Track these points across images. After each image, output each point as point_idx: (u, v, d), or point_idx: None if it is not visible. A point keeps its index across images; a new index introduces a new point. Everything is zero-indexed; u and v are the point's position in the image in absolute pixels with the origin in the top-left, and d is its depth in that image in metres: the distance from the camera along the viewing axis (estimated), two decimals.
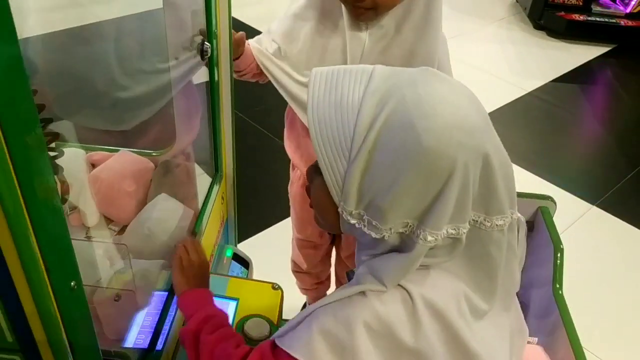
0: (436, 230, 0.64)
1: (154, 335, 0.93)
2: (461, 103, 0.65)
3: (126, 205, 1.24)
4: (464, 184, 0.63)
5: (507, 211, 0.68)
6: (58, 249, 0.53)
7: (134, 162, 1.30)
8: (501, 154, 0.67)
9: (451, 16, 4.11)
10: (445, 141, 0.62)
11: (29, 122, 0.43)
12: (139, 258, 1.11)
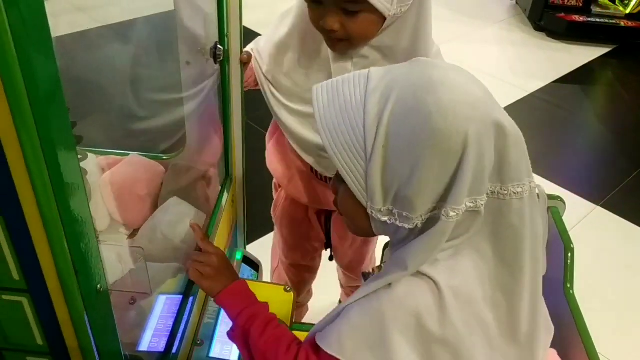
0: (457, 205, 0.65)
1: (170, 339, 0.93)
2: (458, 80, 0.67)
3: (137, 209, 1.24)
4: (479, 155, 0.65)
5: (524, 179, 0.68)
6: (86, 253, 0.53)
7: (145, 166, 1.30)
8: (512, 123, 0.68)
9: (451, 18, 4.13)
10: (451, 118, 0.64)
11: (63, 131, 0.44)
12: (152, 261, 1.12)
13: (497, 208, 0.69)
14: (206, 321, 1.08)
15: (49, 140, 0.42)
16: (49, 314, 0.49)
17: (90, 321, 0.56)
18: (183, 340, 0.98)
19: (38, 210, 0.42)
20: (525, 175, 0.69)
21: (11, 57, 0.37)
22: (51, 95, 0.43)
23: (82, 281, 0.53)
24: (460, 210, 0.66)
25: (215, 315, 1.09)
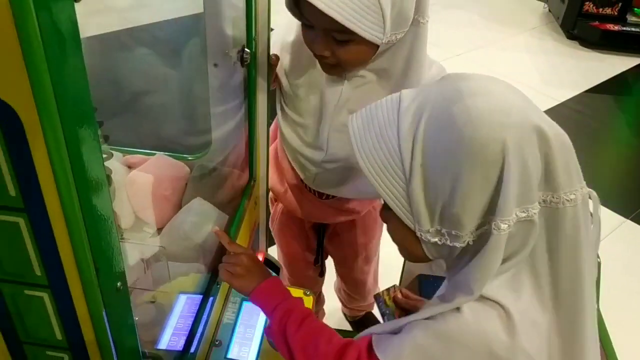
0: (507, 216, 0.63)
1: (189, 338, 0.94)
2: (491, 88, 0.66)
3: (162, 208, 1.26)
4: (522, 162, 0.62)
5: (576, 185, 0.66)
6: (107, 251, 0.54)
7: (170, 166, 1.32)
8: (555, 128, 0.66)
9: (482, 25, 4.09)
10: (485, 128, 0.62)
11: (88, 130, 0.45)
12: (174, 260, 1.13)
13: (552, 218, 0.66)
14: (225, 322, 1.08)
15: (74, 139, 0.43)
16: (68, 310, 0.49)
17: (109, 319, 0.56)
18: (201, 340, 0.99)
19: (61, 208, 0.42)
20: (577, 181, 0.66)
21: (39, 57, 0.38)
22: (78, 96, 0.43)
23: (102, 279, 0.53)
24: (511, 220, 0.63)
25: (234, 317, 1.10)
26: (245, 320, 1.10)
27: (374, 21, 0.88)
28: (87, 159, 0.45)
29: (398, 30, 0.93)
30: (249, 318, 1.10)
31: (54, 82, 0.39)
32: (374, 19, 0.88)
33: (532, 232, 0.66)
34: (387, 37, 0.91)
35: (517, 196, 0.63)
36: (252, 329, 1.08)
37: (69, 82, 0.42)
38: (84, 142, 0.44)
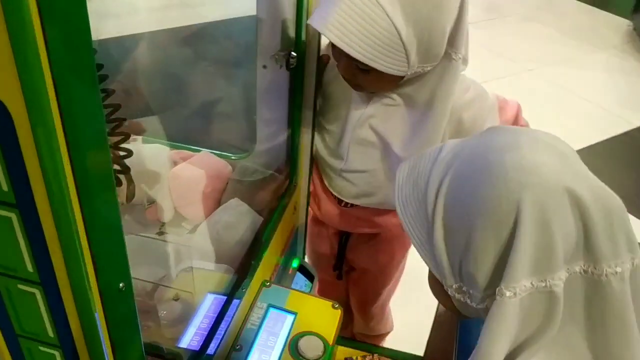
0: (513, 283, 0.58)
1: (207, 339, 0.93)
2: (520, 144, 0.62)
3: (200, 205, 1.26)
4: (542, 226, 0.57)
5: (623, 255, 0.59)
6: (110, 247, 0.53)
7: (214, 164, 1.32)
8: (599, 191, 0.60)
9: (559, 40, 3.92)
10: (502, 185, 0.59)
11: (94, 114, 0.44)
12: (205, 259, 1.13)
13: (594, 291, 0.59)
14: (249, 326, 1.07)
15: (74, 134, 0.42)
16: (59, 309, 0.49)
17: (109, 321, 0.55)
18: (221, 342, 0.98)
19: (50, 206, 0.42)
20: (626, 251, 0.59)
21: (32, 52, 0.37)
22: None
23: (102, 279, 0.52)
24: (519, 289, 0.58)
25: (259, 322, 1.08)
26: (270, 327, 1.08)
27: (397, 58, 0.85)
28: (88, 155, 0.44)
29: (426, 64, 0.90)
30: (273, 325, 1.08)
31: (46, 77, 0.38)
32: (397, 56, 0.85)
33: (555, 307, 0.59)
34: (413, 70, 0.89)
35: (532, 263, 0.58)
36: (275, 336, 1.06)
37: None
38: (82, 139, 0.43)
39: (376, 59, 0.84)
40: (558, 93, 3.28)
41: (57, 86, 0.39)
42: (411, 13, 0.82)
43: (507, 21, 4.36)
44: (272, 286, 1.16)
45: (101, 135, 0.46)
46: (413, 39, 0.83)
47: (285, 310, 1.11)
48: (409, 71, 0.87)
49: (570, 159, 0.62)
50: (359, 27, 0.81)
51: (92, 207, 0.47)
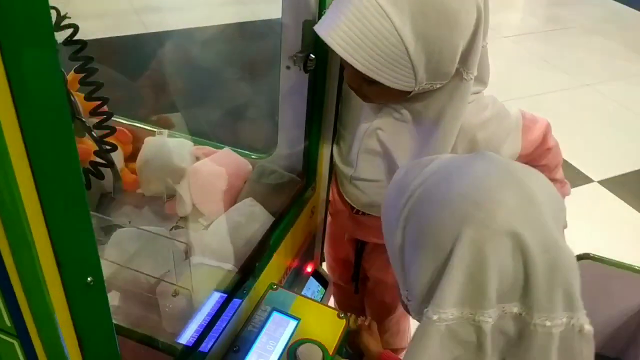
0: (440, 308, 0.59)
1: (201, 336, 0.92)
2: (486, 178, 0.62)
3: (217, 202, 1.26)
4: (477, 262, 0.58)
5: (557, 312, 0.59)
6: (74, 239, 0.52)
7: (234, 162, 1.32)
8: (550, 243, 0.59)
9: (622, 55, 3.75)
10: (448, 212, 0.60)
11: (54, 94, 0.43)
12: (214, 257, 1.13)
13: (522, 335, 0.60)
14: (249, 328, 1.06)
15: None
16: (10, 296, 0.49)
17: (74, 318, 0.55)
18: (218, 341, 0.97)
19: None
20: (562, 309, 0.59)
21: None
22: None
23: (66, 273, 0.52)
24: (444, 315, 0.59)
25: (260, 325, 1.07)
26: (271, 331, 1.07)
27: (403, 73, 0.81)
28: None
29: (436, 81, 0.85)
30: (275, 329, 1.07)
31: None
32: (403, 71, 0.81)
33: (484, 341, 0.60)
34: (420, 86, 0.84)
35: (462, 294, 0.59)
36: (275, 341, 1.05)
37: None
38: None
39: (381, 73, 0.80)
40: (616, 110, 3.12)
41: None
42: (421, 30, 0.77)
43: (568, 33, 4.20)
44: (279, 290, 1.15)
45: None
46: (421, 55, 0.79)
47: (288, 315, 1.10)
48: (416, 87, 0.84)
49: (536, 205, 0.60)
50: (365, 38, 0.77)
51: (50, 200, 0.47)
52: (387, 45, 0.77)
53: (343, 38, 0.78)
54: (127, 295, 1.06)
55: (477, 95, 0.94)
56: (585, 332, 0.60)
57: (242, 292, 1.02)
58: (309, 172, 1.22)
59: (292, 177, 1.25)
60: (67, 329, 0.56)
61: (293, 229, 1.21)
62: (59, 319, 0.53)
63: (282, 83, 1.19)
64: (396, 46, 0.78)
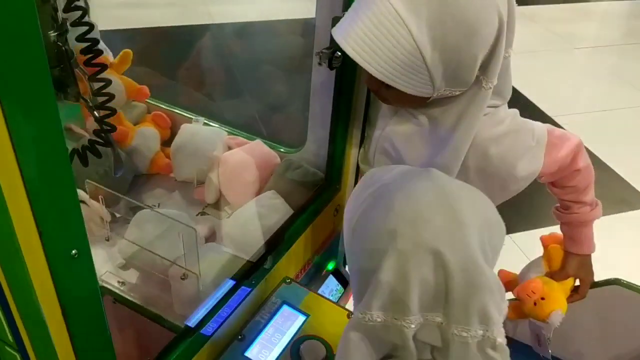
0: (367, 309, 0.66)
1: (204, 319, 0.94)
2: (421, 197, 0.66)
3: (243, 192, 1.28)
4: (401, 274, 0.64)
5: (474, 325, 0.64)
6: (58, 209, 0.53)
7: (264, 154, 1.34)
8: (469, 265, 0.64)
9: None
10: (382, 224, 0.65)
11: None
12: (232, 245, 1.15)
13: (444, 341, 0.66)
14: (257, 319, 1.07)
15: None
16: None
17: (57, 289, 0.58)
18: (222, 327, 0.99)
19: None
20: (477, 322, 0.65)
21: None
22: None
23: (49, 245, 0.54)
24: (370, 317, 0.65)
25: (268, 317, 1.08)
26: (278, 324, 1.07)
27: (420, 80, 0.79)
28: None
29: (455, 88, 0.82)
30: (282, 322, 1.08)
31: None
32: (420, 78, 0.79)
33: (407, 343, 0.66)
34: (439, 92, 0.82)
35: (386, 301, 0.65)
36: (281, 334, 1.05)
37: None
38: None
39: (397, 79, 0.78)
40: None
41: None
42: (439, 38, 0.75)
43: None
44: (292, 284, 1.16)
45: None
46: (439, 64, 0.77)
47: (298, 310, 1.10)
48: (434, 94, 0.82)
49: (462, 228, 0.64)
50: (381, 45, 0.76)
51: (29, 165, 0.49)
52: (403, 53, 0.76)
53: (358, 44, 0.77)
54: (144, 275, 1.10)
55: (493, 109, 0.91)
56: (498, 344, 0.66)
57: (251, 281, 1.04)
58: (333, 170, 1.22)
59: (317, 174, 1.25)
60: (49, 300, 0.58)
61: (313, 226, 1.21)
62: (39, 291, 0.56)
63: (313, 80, 1.19)
64: (412, 54, 0.76)
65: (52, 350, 0.61)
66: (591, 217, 1.05)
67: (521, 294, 1.05)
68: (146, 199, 1.35)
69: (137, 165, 1.36)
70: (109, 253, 1.15)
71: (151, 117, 1.44)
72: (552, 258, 1.11)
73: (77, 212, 0.57)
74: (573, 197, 1.04)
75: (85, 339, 0.65)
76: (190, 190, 1.36)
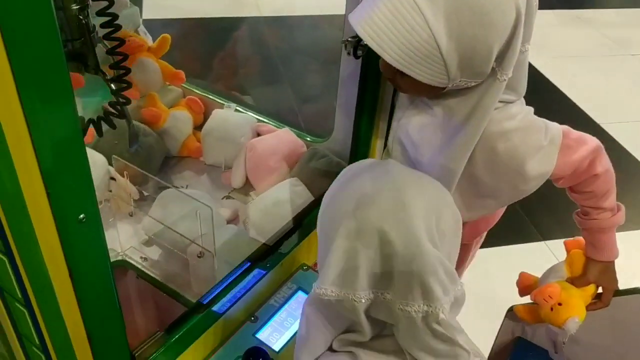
0: (322, 285, 0.71)
1: (216, 297, 0.96)
2: (372, 182, 0.73)
3: (268, 178, 1.30)
4: (351, 252, 0.69)
5: (417, 300, 0.69)
6: (66, 171, 0.55)
7: (291, 142, 1.35)
8: (411, 242, 0.68)
9: None
10: (337, 207, 0.73)
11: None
12: (253, 229, 1.17)
13: (394, 316, 0.72)
14: (271, 302, 1.09)
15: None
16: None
17: (65, 251, 0.60)
18: (235, 306, 1.00)
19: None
20: (420, 297, 0.69)
21: None
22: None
23: (56, 205, 0.57)
24: (324, 291, 0.71)
25: (282, 301, 1.09)
26: (292, 309, 1.08)
27: (435, 69, 0.79)
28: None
29: (470, 79, 0.82)
30: (296, 308, 1.09)
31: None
32: (435, 67, 0.78)
33: (360, 317, 0.72)
34: (454, 83, 0.81)
35: (338, 276, 0.70)
36: (293, 319, 1.07)
37: None
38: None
39: (412, 68, 0.78)
40: None
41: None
42: (455, 28, 0.75)
43: None
44: (309, 271, 1.17)
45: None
46: (454, 54, 0.77)
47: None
48: (449, 84, 0.81)
49: (407, 210, 0.69)
50: (397, 32, 0.76)
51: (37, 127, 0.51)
52: (418, 41, 0.76)
53: (374, 30, 0.77)
54: (165, 252, 1.13)
55: (505, 104, 0.89)
56: (441, 319, 0.70)
57: (266, 264, 1.05)
58: (357, 161, 1.21)
59: (341, 164, 1.25)
60: (56, 262, 0.61)
61: None
62: (46, 251, 0.58)
63: (341, 70, 1.20)
64: (428, 42, 0.76)
65: (58, 312, 0.64)
66: (611, 223, 1.02)
67: (538, 298, 1.03)
68: (175, 180, 1.38)
69: (168, 147, 1.40)
70: (135, 229, 1.18)
71: (185, 101, 1.47)
72: (573, 263, 1.08)
73: (86, 177, 0.59)
74: (592, 202, 1.01)
75: (93, 304, 0.68)
76: (218, 174, 1.39)
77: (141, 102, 1.39)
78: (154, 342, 0.87)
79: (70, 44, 0.71)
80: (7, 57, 0.47)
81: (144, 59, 1.38)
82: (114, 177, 1.18)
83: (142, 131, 1.31)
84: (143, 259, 1.15)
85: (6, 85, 0.48)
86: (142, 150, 1.30)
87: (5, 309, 0.69)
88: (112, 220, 1.17)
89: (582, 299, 1.03)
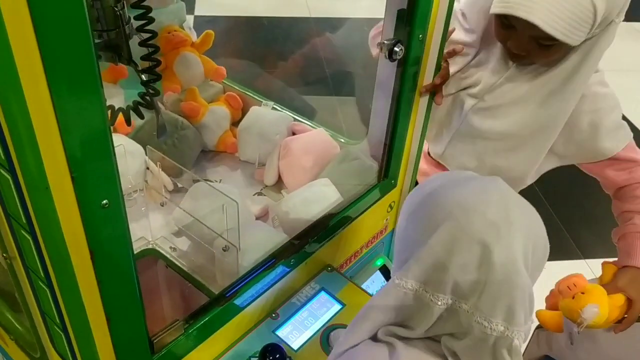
0: (404, 277, 0.70)
1: (239, 290, 0.97)
2: (482, 193, 0.71)
3: (300, 177, 1.31)
4: (445, 252, 0.68)
5: (496, 318, 0.68)
6: (91, 155, 0.57)
7: (325, 142, 1.35)
8: (510, 263, 0.67)
9: None
10: (440, 203, 0.72)
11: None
12: (280, 226, 1.17)
13: (467, 327, 0.69)
14: (293, 301, 1.09)
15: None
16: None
17: (88, 236, 0.62)
18: (256, 301, 1.01)
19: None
20: (501, 318, 0.68)
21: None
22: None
23: (79, 189, 0.58)
24: (404, 284, 0.70)
25: (305, 300, 1.09)
26: (314, 309, 1.09)
27: (584, 31, 0.90)
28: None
29: (598, 30, 0.93)
30: (318, 308, 1.09)
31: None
32: (585, 29, 0.90)
33: (429, 316, 0.70)
34: (582, 38, 0.93)
35: (425, 274, 0.69)
36: (314, 319, 1.07)
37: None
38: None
39: (569, 34, 0.89)
40: None
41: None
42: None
43: None
44: (334, 272, 1.17)
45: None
46: (604, 12, 0.88)
47: (335, 299, 1.11)
48: (579, 41, 0.92)
49: (511, 228, 0.68)
50: (564, 9, 0.87)
51: (65, 113, 0.53)
52: (581, 10, 0.87)
53: (546, 15, 0.88)
54: (194, 244, 1.14)
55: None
56: (514, 346, 0.68)
57: (290, 262, 1.05)
58: (389, 165, 1.21)
59: (373, 167, 1.24)
60: (78, 244, 0.63)
61: (363, 218, 1.21)
62: (68, 233, 0.60)
63: (378, 74, 1.19)
64: (587, 8, 0.87)
65: (77, 293, 0.66)
66: None
67: (562, 285, 1.02)
68: (210, 174, 1.40)
69: (205, 141, 1.42)
70: (166, 220, 1.21)
71: (225, 97, 1.49)
72: (603, 272, 1.09)
73: (110, 164, 0.60)
74: (633, 206, 1.09)
75: (112, 289, 0.69)
76: (252, 170, 1.40)
77: (182, 96, 1.41)
78: (173, 330, 0.88)
79: (106, 34, 0.73)
80: (37, 43, 0.48)
81: (187, 54, 1.41)
82: (149, 168, 1.21)
83: (180, 124, 1.34)
84: (172, 249, 1.17)
85: (36, 72, 0.50)
86: (179, 143, 1.32)
87: (30, 287, 0.72)
88: (144, 209, 1.20)
89: (607, 298, 1.00)
